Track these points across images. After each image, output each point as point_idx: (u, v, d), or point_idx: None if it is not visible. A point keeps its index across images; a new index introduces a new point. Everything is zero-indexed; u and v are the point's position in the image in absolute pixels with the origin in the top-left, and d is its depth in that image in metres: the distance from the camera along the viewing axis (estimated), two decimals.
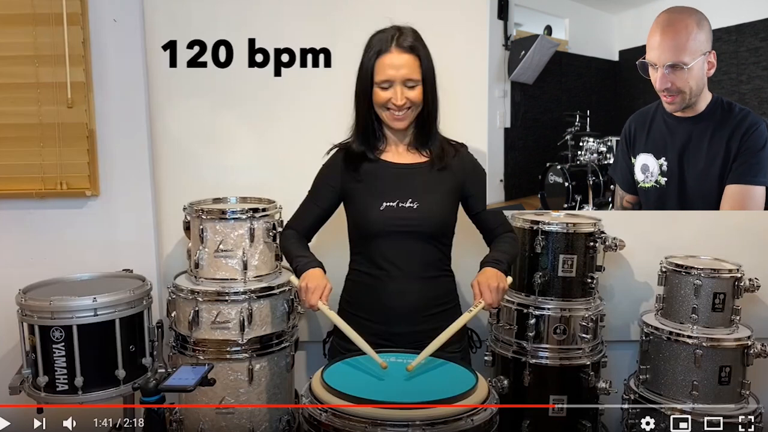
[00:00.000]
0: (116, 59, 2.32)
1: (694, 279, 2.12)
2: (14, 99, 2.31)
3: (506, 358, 2.19)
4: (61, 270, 2.28)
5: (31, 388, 2.06)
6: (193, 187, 2.36)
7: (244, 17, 2.35)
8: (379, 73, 1.76)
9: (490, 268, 1.74)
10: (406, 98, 1.76)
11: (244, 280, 2.07)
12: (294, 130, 2.40)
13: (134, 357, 2.10)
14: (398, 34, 1.76)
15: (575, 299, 2.16)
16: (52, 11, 2.26)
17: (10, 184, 2.37)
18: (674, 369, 2.13)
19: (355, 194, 1.86)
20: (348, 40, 2.14)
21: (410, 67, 1.75)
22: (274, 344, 2.09)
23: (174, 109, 2.39)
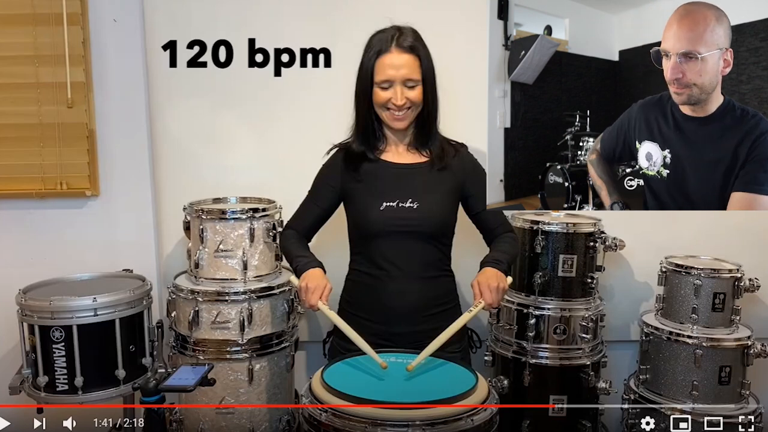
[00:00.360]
0: (116, 59, 2.32)
1: (694, 279, 2.12)
2: (14, 99, 2.31)
3: (506, 358, 2.19)
4: (61, 270, 2.28)
5: (31, 388, 2.06)
6: (193, 187, 2.36)
7: (244, 17, 2.35)
8: (379, 73, 1.76)
9: (490, 268, 1.75)
10: (406, 98, 1.76)
11: (244, 280, 2.07)
12: (294, 130, 2.40)
13: (134, 357, 2.10)
14: (398, 34, 1.76)
15: (575, 299, 2.16)
16: (52, 11, 2.26)
17: (10, 184, 2.37)
18: (674, 369, 2.13)
19: (355, 194, 1.86)
20: (348, 40, 2.14)
21: (410, 67, 1.75)
22: (274, 344, 2.09)
23: (174, 109, 2.39)
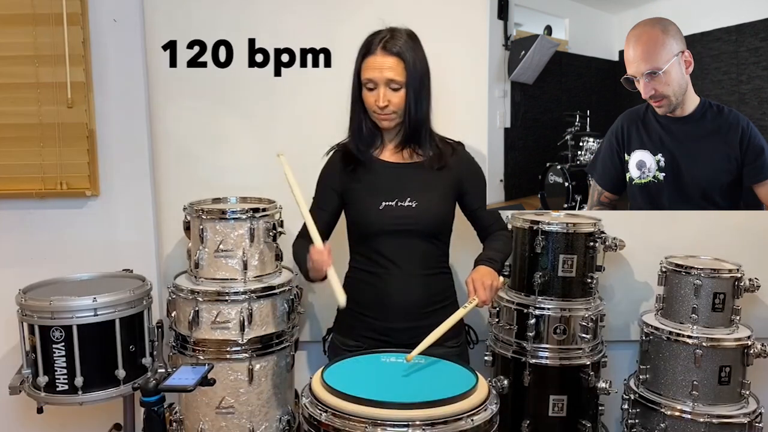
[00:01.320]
0: (116, 59, 2.32)
1: (694, 279, 2.12)
2: (14, 99, 2.31)
3: (506, 357, 2.19)
4: (61, 270, 2.28)
5: (31, 388, 2.06)
6: (193, 187, 2.36)
7: (244, 17, 2.35)
8: (364, 74, 1.79)
9: (484, 267, 1.77)
10: (388, 101, 1.77)
11: (244, 280, 2.07)
12: (294, 130, 2.39)
13: (134, 357, 2.11)
14: (388, 37, 1.77)
15: (575, 299, 2.16)
16: (52, 11, 2.26)
17: (10, 184, 2.37)
18: (674, 369, 2.13)
19: (354, 194, 1.87)
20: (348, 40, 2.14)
21: (393, 69, 1.76)
22: (274, 344, 2.09)
23: (174, 109, 2.39)
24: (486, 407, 1.45)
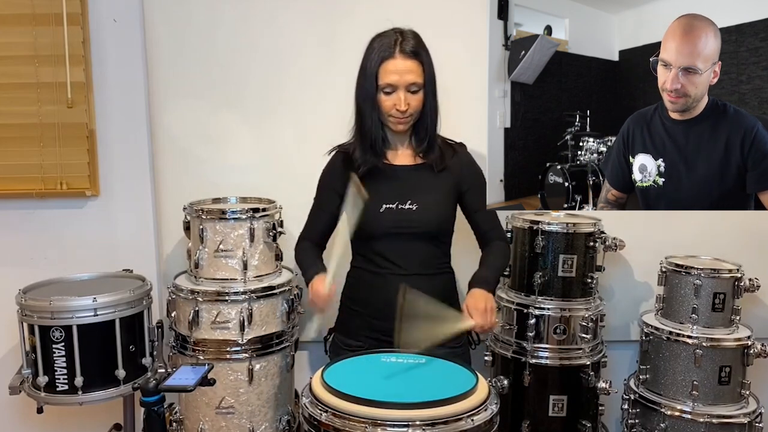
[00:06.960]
0: (116, 59, 2.32)
1: (694, 279, 2.12)
2: (14, 99, 2.31)
3: (506, 358, 2.19)
4: (61, 270, 2.28)
5: (31, 388, 2.06)
6: (193, 187, 2.36)
7: (244, 17, 2.35)
8: (383, 78, 1.77)
9: (478, 290, 1.76)
10: (408, 104, 1.77)
11: (244, 280, 2.07)
12: (294, 130, 2.40)
13: (134, 357, 2.10)
14: (401, 39, 1.77)
15: (575, 299, 2.16)
16: (52, 11, 2.26)
17: (10, 184, 2.37)
18: (674, 369, 2.13)
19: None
20: (348, 40, 2.14)
21: (414, 72, 1.76)
22: (274, 344, 2.09)
23: (174, 109, 2.39)
24: (486, 407, 1.45)
